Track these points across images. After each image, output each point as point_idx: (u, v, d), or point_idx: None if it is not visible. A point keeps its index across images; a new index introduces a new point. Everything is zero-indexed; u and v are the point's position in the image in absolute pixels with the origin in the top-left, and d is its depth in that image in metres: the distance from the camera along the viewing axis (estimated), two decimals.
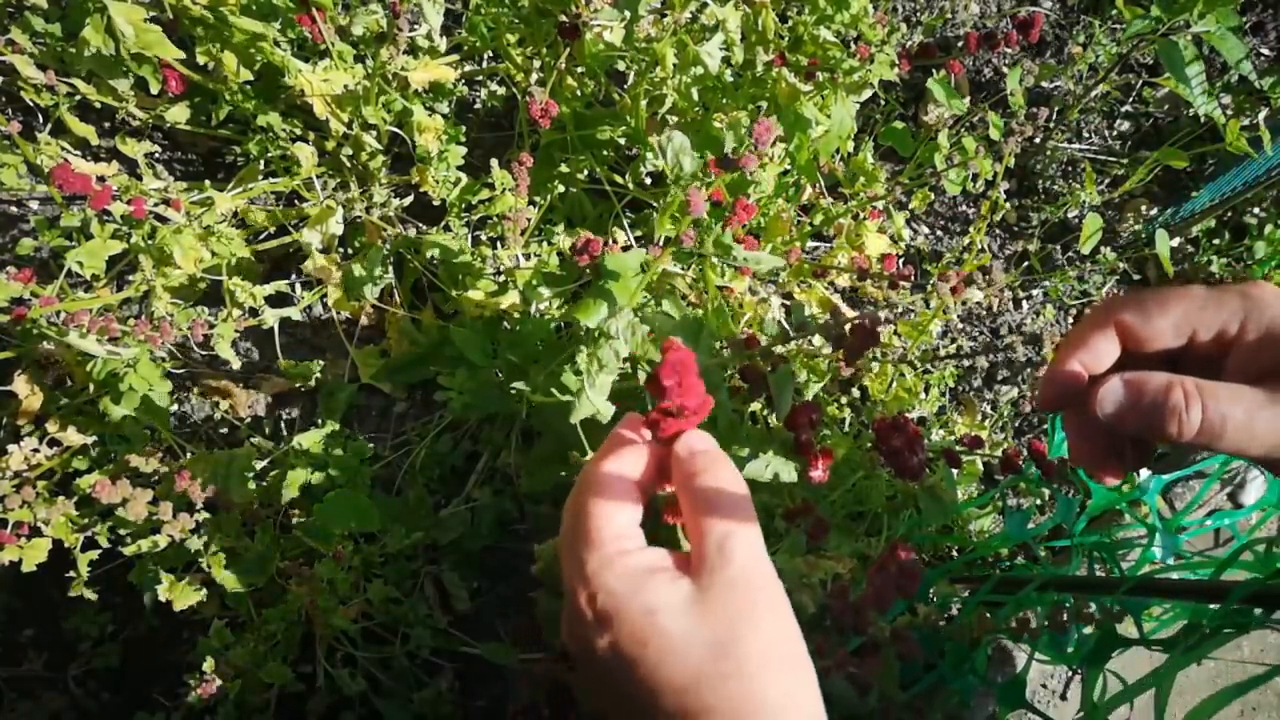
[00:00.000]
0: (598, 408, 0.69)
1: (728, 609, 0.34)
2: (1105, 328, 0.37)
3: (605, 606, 0.34)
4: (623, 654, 0.33)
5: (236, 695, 0.83)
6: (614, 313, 0.70)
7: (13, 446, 0.89)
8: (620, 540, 0.36)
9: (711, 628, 0.33)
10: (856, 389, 1.22)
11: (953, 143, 1.15)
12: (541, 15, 0.99)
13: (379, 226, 1.11)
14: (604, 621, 0.34)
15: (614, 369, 0.68)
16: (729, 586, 0.34)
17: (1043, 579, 0.77)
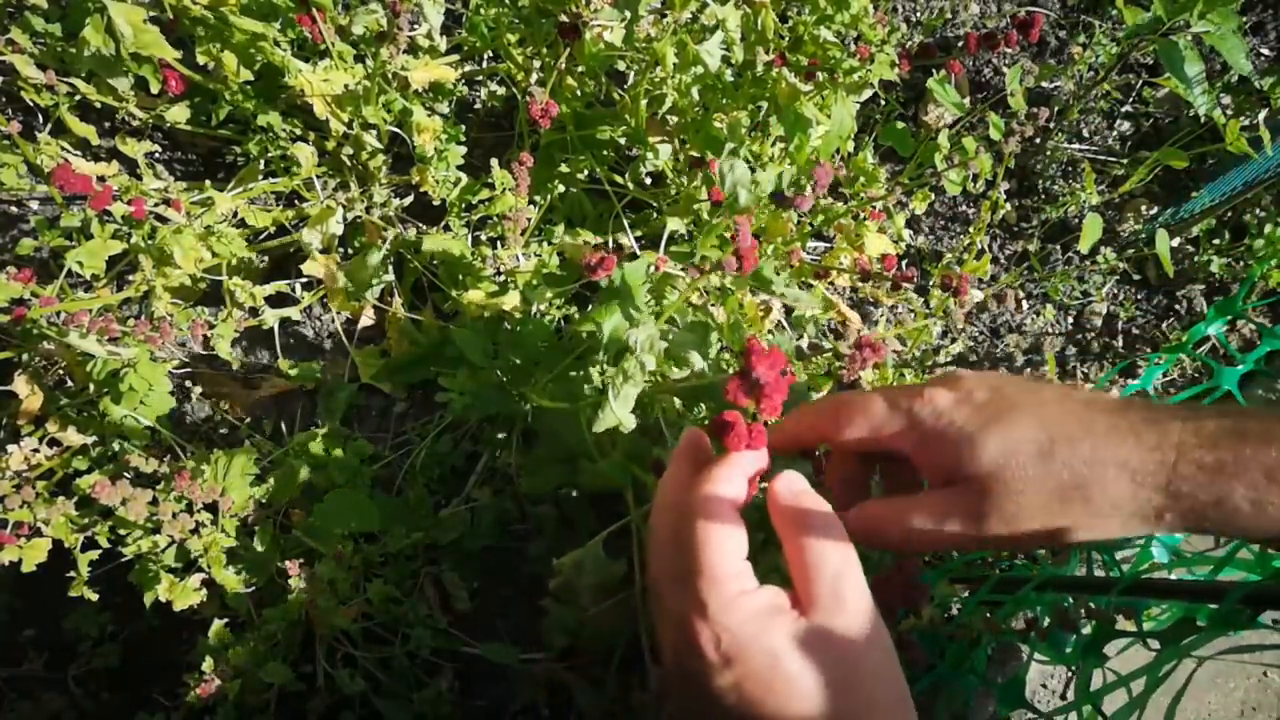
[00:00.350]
0: (621, 419, 0.68)
1: (847, 652, 0.34)
2: (810, 428, 0.44)
3: (729, 648, 0.34)
4: (746, 695, 0.34)
5: (236, 695, 0.83)
6: (635, 323, 0.70)
7: (13, 446, 0.89)
8: (740, 579, 0.36)
9: (832, 670, 0.34)
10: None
11: (953, 143, 1.15)
12: (541, 15, 0.99)
13: (379, 226, 1.11)
14: (728, 662, 0.34)
15: (640, 381, 0.68)
16: (845, 628, 0.35)
17: (1041, 579, 0.77)
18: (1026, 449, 0.36)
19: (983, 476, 0.37)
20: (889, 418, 0.40)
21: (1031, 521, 0.36)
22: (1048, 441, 0.36)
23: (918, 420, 0.39)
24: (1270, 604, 0.55)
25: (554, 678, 1.01)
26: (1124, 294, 1.40)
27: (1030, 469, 0.36)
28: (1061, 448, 0.36)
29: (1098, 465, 0.35)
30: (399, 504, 1.04)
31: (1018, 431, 0.37)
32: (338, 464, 1.03)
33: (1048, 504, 0.36)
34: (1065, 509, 0.36)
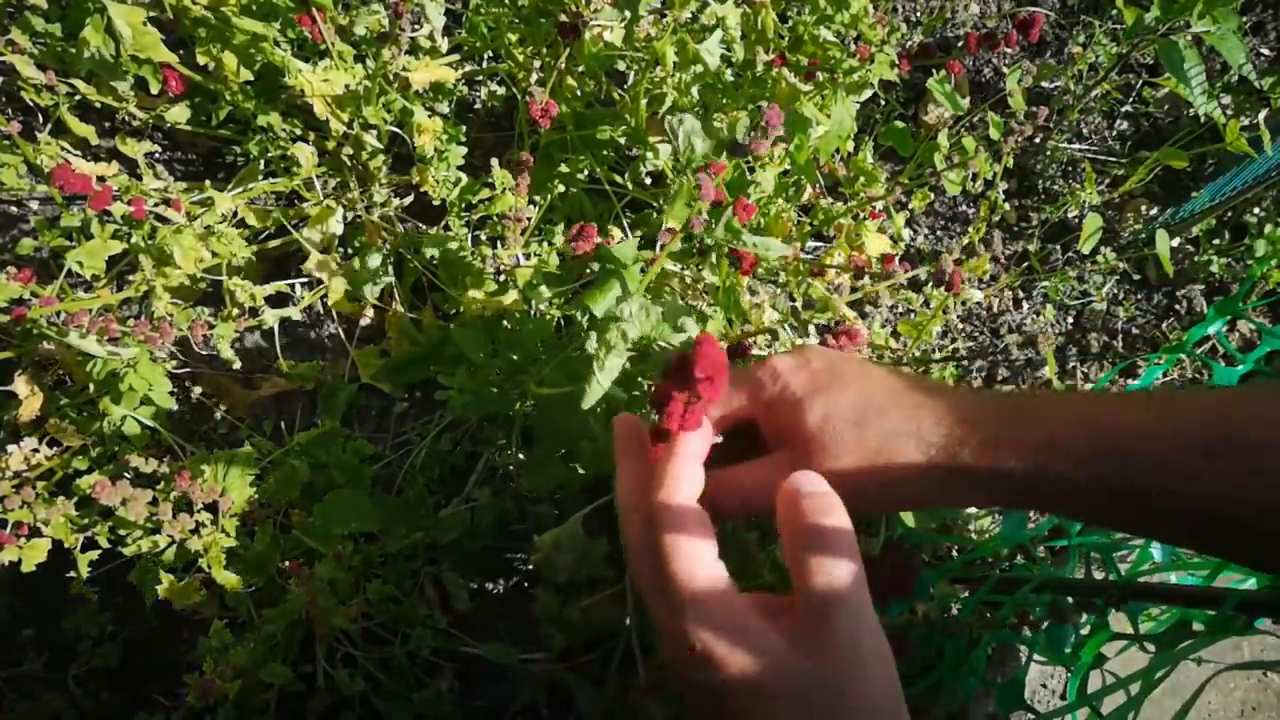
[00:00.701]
0: (605, 389, 0.68)
1: (838, 662, 0.34)
2: None
3: (712, 657, 0.34)
4: (734, 697, 0.34)
5: (236, 695, 0.83)
6: (625, 298, 0.70)
7: (13, 446, 0.89)
8: (715, 585, 0.36)
9: (820, 680, 0.34)
10: None
11: (953, 143, 1.15)
12: (541, 15, 0.99)
13: (379, 226, 1.11)
14: (714, 666, 0.34)
15: (623, 351, 0.67)
16: (834, 641, 0.35)
17: (1040, 580, 0.77)
18: (845, 416, 0.40)
19: (806, 439, 0.40)
20: (735, 393, 0.43)
21: (845, 484, 0.39)
22: (863, 410, 0.40)
23: (760, 386, 0.42)
24: (1267, 610, 0.55)
25: (554, 678, 1.01)
26: (1124, 294, 1.40)
27: (845, 435, 0.39)
28: (873, 418, 0.39)
29: (899, 436, 0.39)
30: (399, 504, 1.04)
31: (840, 399, 0.40)
32: (338, 464, 1.03)
33: (857, 465, 0.39)
34: (871, 471, 0.39)
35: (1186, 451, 0.36)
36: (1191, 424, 0.37)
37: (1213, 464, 0.36)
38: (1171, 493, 0.36)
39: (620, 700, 0.99)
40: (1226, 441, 0.36)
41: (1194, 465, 0.36)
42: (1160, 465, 0.36)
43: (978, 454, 0.38)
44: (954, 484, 0.39)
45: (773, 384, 0.42)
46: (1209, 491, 0.36)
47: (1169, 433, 0.37)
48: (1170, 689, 0.62)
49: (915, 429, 0.39)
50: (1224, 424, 0.36)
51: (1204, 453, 0.36)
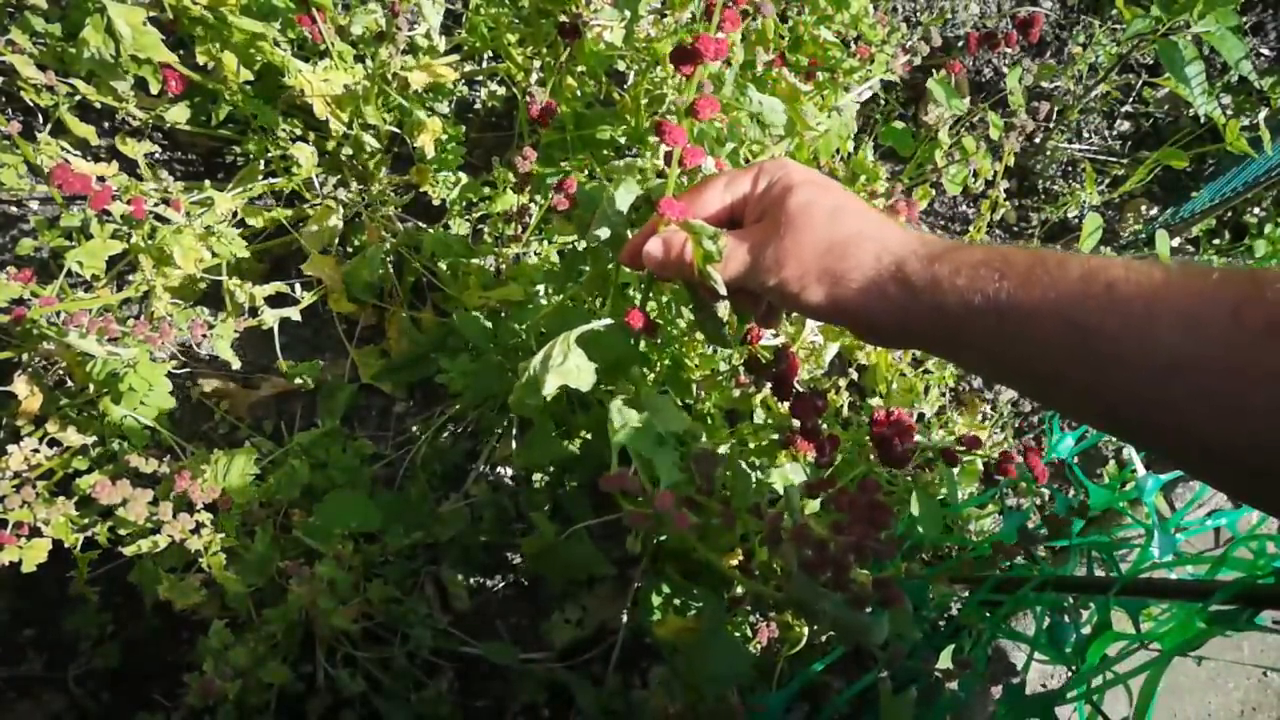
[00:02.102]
0: (623, 210, 0.66)
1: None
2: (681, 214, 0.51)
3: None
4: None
5: (236, 695, 0.83)
6: None
7: (13, 447, 0.89)
8: None
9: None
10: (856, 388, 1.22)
11: (953, 142, 1.15)
12: (541, 15, 0.99)
13: (379, 226, 1.11)
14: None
15: (634, 184, 0.67)
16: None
17: (1041, 579, 0.77)
18: (825, 206, 0.45)
19: (788, 216, 0.45)
20: (736, 179, 0.49)
21: (795, 263, 0.45)
22: (841, 209, 0.45)
23: (763, 172, 0.48)
24: (1269, 603, 0.55)
25: (554, 677, 1.01)
26: None
27: (819, 219, 0.45)
28: (847, 216, 0.45)
29: (863, 236, 0.44)
30: (399, 501, 1.04)
31: (825, 195, 0.46)
32: (338, 464, 1.03)
33: (813, 249, 0.44)
34: (825, 257, 0.44)
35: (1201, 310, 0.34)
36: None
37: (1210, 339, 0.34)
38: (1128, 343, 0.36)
39: (620, 700, 0.99)
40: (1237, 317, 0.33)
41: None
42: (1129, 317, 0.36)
43: (922, 262, 0.42)
44: (893, 290, 0.43)
45: (776, 171, 0.47)
46: None
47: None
48: (1169, 689, 0.62)
49: (878, 234, 0.44)
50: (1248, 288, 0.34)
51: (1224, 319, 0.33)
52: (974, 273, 0.40)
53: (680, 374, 0.87)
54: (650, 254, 0.50)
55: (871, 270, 0.43)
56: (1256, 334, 0.32)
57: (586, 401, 0.96)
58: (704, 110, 0.50)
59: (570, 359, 0.56)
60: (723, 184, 0.49)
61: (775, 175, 0.47)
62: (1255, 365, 0.32)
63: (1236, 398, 0.33)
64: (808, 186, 0.46)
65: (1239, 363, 0.33)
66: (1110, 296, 0.36)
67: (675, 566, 0.98)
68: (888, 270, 0.42)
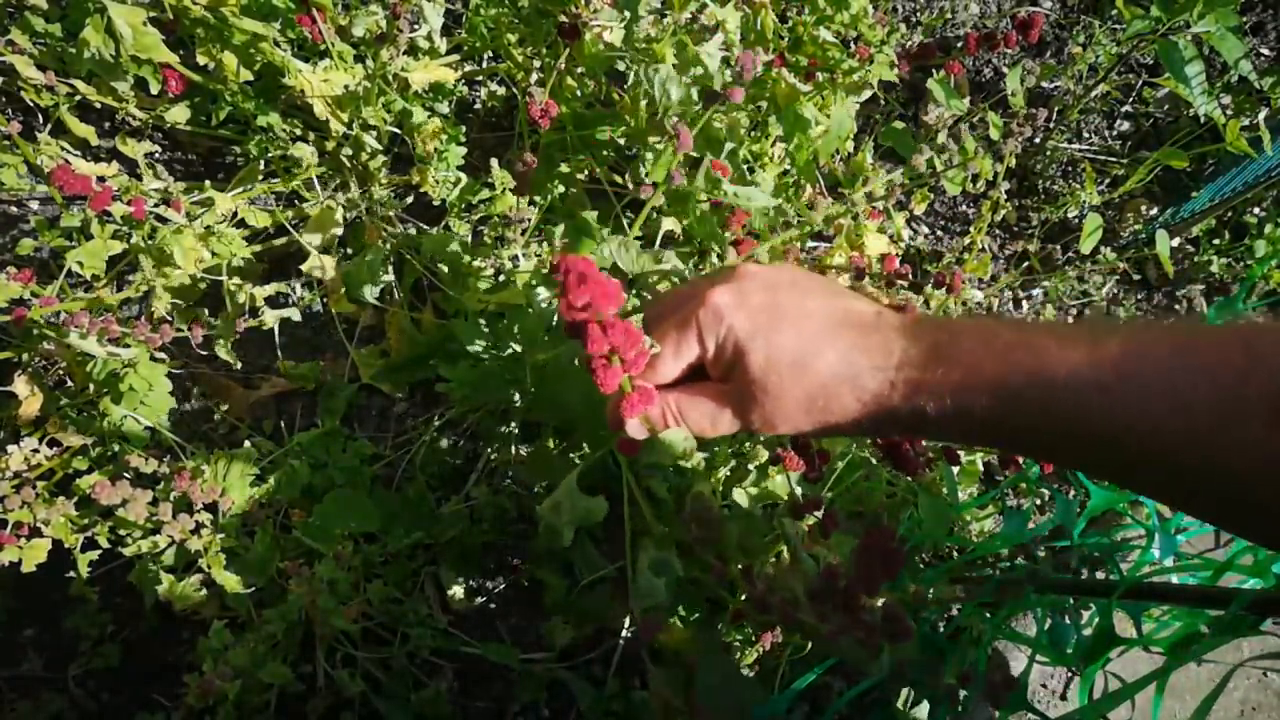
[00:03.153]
0: None
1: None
2: None
3: None
4: None
5: (236, 695, 0.83)
6: (603, 241, 0.70)
7: (13, 447, 0.89)
8: None
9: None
10: None
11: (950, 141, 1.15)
12: (541, 15, 0.99)
13: (379, 226, 1.11)
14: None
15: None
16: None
17: (1041, 580, 0.77)
18: (784, 359, 0.43)
19: (750, 382, 0.44)
20: (685, 343, 0.46)
21: (786, 421, 0.44)
22: (800, 353, 0.43)
23: (703, 330, 0.45)
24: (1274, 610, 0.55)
25: (554, 678, 1.01)
26: (1124, 294, 1.40)
27: (785, 378, 0.43)
28: (811, 360, 0.42)
29: (834, 380, 0.42)
30: (399, 501, 1.04)
31: (779, 342, 0.43)
32: (338, 464, 1.03)
33: (797, 408, 0.43)
34: (810, 413, 0.43)
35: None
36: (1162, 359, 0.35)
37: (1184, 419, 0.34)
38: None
39: (620, 700, 0.99)
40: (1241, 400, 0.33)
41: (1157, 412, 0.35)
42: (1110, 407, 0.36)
43: (904, 397, 0.41)
44: (887, 425, 0.42)
45: (717, 328, 0.44)
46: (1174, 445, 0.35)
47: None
48: (1169, 689, 0.62)
49: (851, 374, 0.42)
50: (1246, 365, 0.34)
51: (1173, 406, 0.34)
52: (958, 400, 0.39)
53: None
54: (635, 439, 0.49)
55: (856, 412, 0.42)
56: (1259, 425, 0.33)
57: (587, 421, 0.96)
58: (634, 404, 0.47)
59: (579, 505, 0.59)
60: (670, 354, 0.46)
61: (719, 334, 0.44)
62: (1259, 456, 0.33)
63: (1240, 489, 0.34)
64: (755, 340, 0.43)
65: (1241, 460, 0.33)
66: (1104, 399, 0.36)
67: None
68: (872, 408, 0.42)
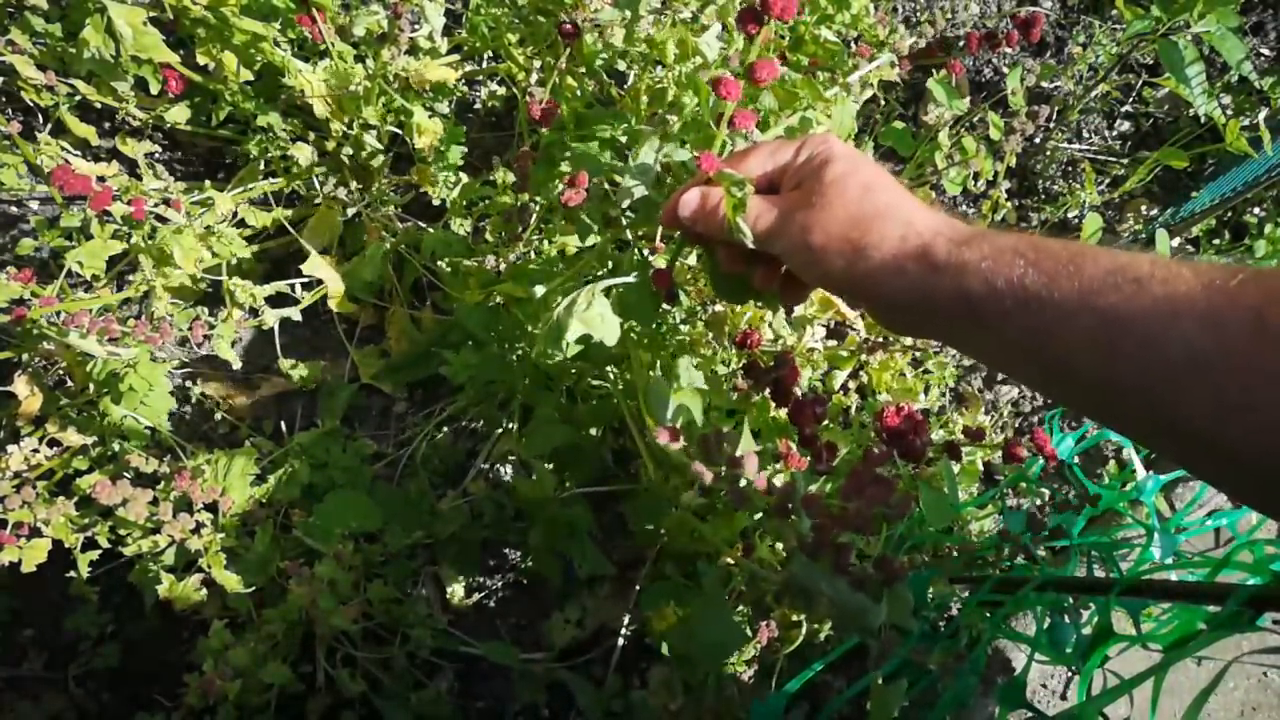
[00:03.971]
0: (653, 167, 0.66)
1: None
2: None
3: None
4: None
5: (236, 695, 0.83)
6: None
7: (13, 447, 0.89)
8: None
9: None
10: (856, 389, 1.22)
11: (953, 142, 1.15)
12: (541, 15, 0.99)
13: (379, 226, 1.11)
14: None
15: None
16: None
17: (1041, 579, 0.77)
18: (859, 179, 0.46)
19: (823, 185, 0.46)
20: (779, 148, 0.50)
21: (820, 232, 0.45)
22: (875, 183, 0.46)
23: (800, 151, 0.49)
24: (1271, 606, 0.55)
25: (554, 678, 1.01)
26: None
27: (849, 193, 0.45)
28: (880, 190, 0.46)
29: (893, 211, 0.45)
30: (400, 498, 1.04)
31: (858, 171, 0.46)
32: (338, 464, 1.03)
33: (841, 220, 0.45)
34: (850, 229, 0.45)
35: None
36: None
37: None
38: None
39: (620, 700, 0.99)
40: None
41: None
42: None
43: (949, 245, 0.42)
44: (916, 273, 0.43)
45: (819, 145, 0.48)
46: None
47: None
48: (1169, 689, 0.62)
49: (907, 214, 0.45)
50: None
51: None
52: (1002, 257, 0.40)
53: None
54: (687, 202, 0.51)
55: (893, 248, 0.44)
56: (1278, 336, 0.32)
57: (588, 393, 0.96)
58: (763, 73, 0.51)
59: (595, 307, 0.55)
60: (767, 151, 0.50)
61: (817, 149, 0.48)
62: (1275, 365, 0.32)
63: (1251, 396, 0.33)
64: (846, 160, 0.47)
65: (1258, 363, 0.33)
66: (1136, 291, 0.36)
67: (677, 570, 0.98)
68: (911, 249, 0.43)
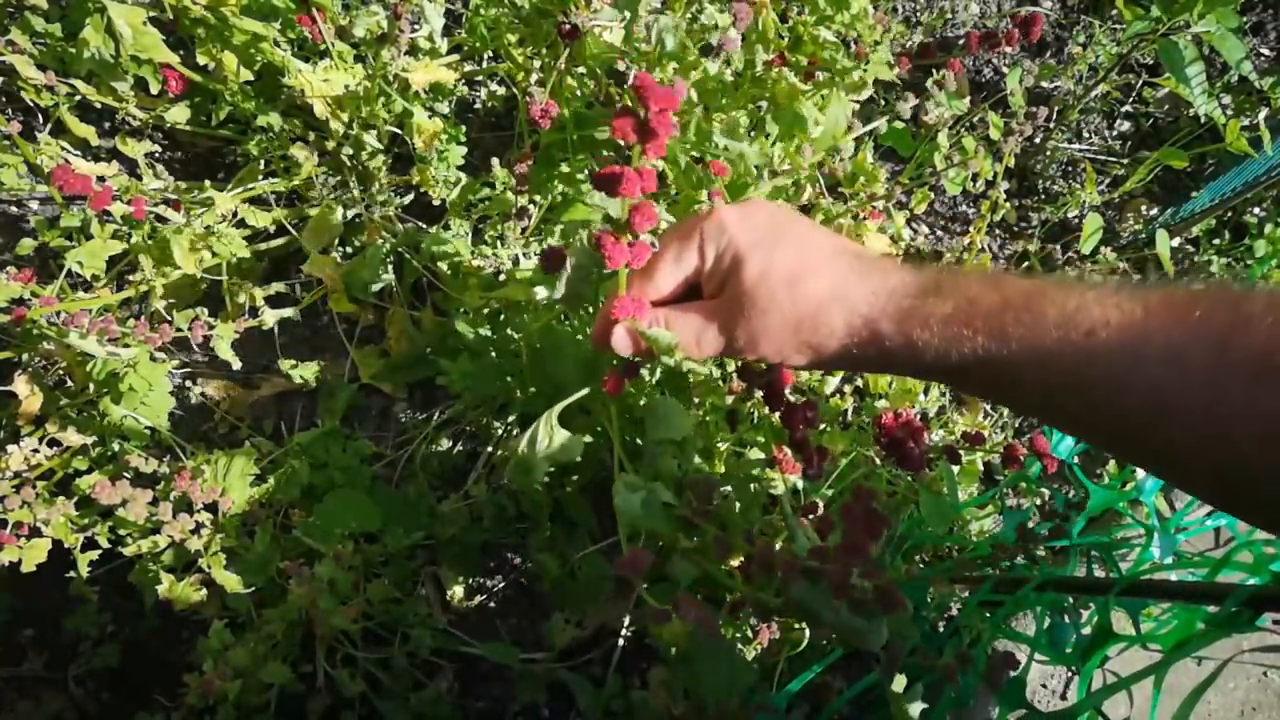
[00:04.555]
0: None
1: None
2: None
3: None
4: None
5: (236, 695, 0.83)
6: None
7: (13, 447, 0.89)
8: None
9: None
10: (853, 391, 1.22)
11: (953, 143, 1.15)
12: (541, 15, 0.99)
13: (379, 226, 1.11)
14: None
15: None
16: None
17: (1041, 579, 0.77)
18: (780, 274, 0.42)
19: (742, 293, 0.43)
20: (685, 253, 0.45)
21: (771, 342, 0.43)
22: (798, 270, 0.42)
23: (706, 239, 0.44)
24: (1271, 606, 0.55)
25: (554, 678, 1.01)
26: None
27: (778, 293, 0.42)
28: (806, 277, 0.42)
29: (828, 300, 0.41)
30: (400, 499, 1.04)
31: (778, 257, 0.42)
32: (338, 464, 1.03)
33: (784, 328, 0.42)
34: (797, 334, 0.42)
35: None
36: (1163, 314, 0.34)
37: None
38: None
39: (621, 701, 0.99)
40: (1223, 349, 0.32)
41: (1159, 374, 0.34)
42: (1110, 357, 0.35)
43: (894, 323, 0.40)
44: (872, 352, 0.41)
45: (719, 236, 0.44)
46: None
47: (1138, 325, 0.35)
48: (1169, 689, 0.62)
49: (844, 294, 0.41)
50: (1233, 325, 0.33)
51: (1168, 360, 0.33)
52: (946, 330, 0.39)
53: (676, 379, 0.87)
54: (619, 349, 0.48)
55: (845, 336, 0.42)
56: (1240, 375, 0.32)
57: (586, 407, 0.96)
58: (640, 224, 0.45)
59: (555, 438, 0.56)
60: (670, 260, 0.46)
61: (720, 243, 0.44)
62: (1242, 408, 0.32)
63: (1224, 438, 0.33)
64: (756, 253, 0.43)
65: (1224, 410, 0.32)
66: (1090, 344, 0.35)
67: None
68: (861, 334, 0.41)
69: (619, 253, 0.44)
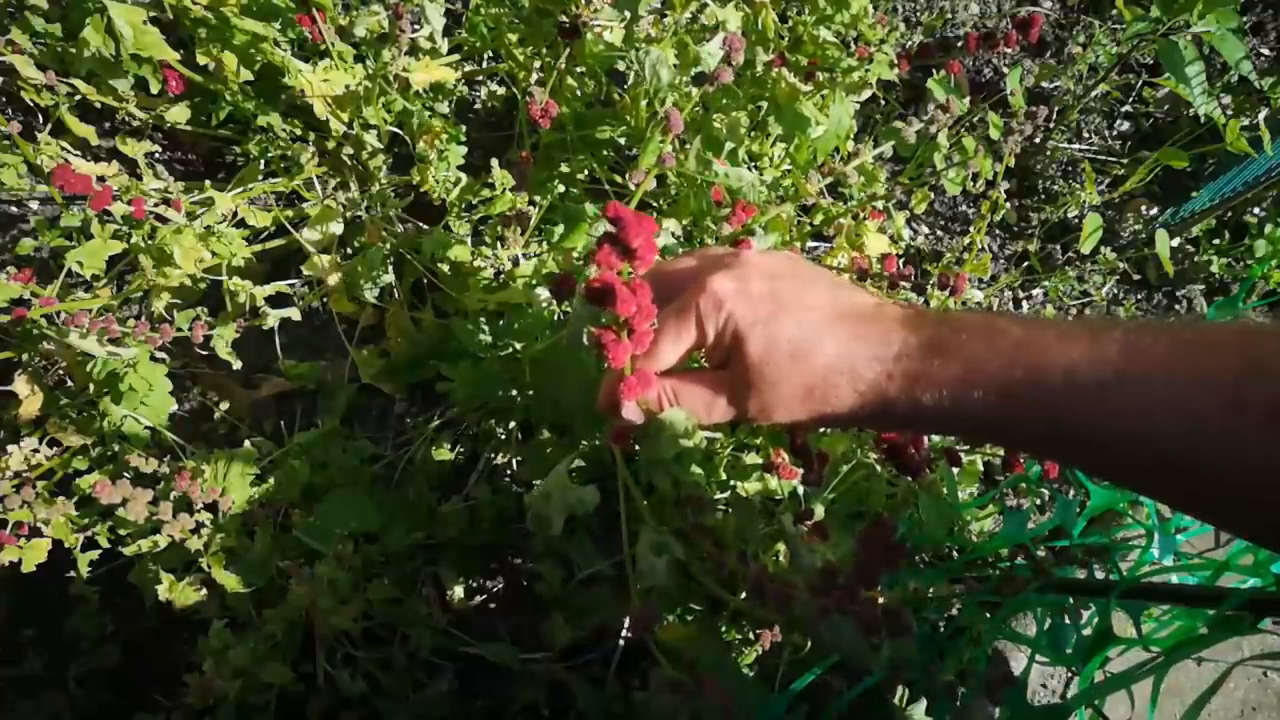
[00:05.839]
0: None
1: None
2: None
3: None
4: None
5: (236, 695, 0.83)
6: None
7: (13, 447, 0.89)
8: None
9: None
10: None
11: (953, 143, 1.15)
12: (541, 15, 0.99)
13: (379, 226, 1.11)
14: None
15: None
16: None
17: (1041, 579, 0.77)
18: (784, 349, 0.43)
19: (748, 369, 0.44)
20: (683, 330, 0.46)
21: (782, 411, 0.44)
22: (799, 343, 0.43)
23: (704, 318, 0.45)
24: (1271, 610, 0.55)
25: (554, 678, 1.01)
26: (1124, 294, 1.40)
27: (784, 368, 0.43)
28: (810, 350, 0.43)
29: (833, 373, 0.42)
30: (399, 500, 1.04)
31: (778, 331, 0.43)
32: (338, 464, 1.03)
33: (793, 398, 0.43)
34: (806, 403, 0.43)
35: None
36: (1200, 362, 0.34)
37: None
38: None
39: (620, 700, 0.99)
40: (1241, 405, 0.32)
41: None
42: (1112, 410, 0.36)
43: (901, 389, 0.41)
44: (884, 418, 0.42)
45: (717, 315, 0.44)
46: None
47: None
48: (1169, 689, 0.62)
49: (849, 365, 0.42)
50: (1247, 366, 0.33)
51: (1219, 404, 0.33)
52: (954, 392, 0.39)
53: None
54: (631, 421, 0.48)
55: (853, 403, 0.42)
56: (1258, 429, 0.32)
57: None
58: (640, 322, 0.45)
59: (569, 494, 0.58)
60: (670, 338, 0.46)
61: (718, 321, 0.44)
62: (1259, 461, 0.32)
63: (1244, 495, 0.33)
64: (756, 329, 0.43)
65: (1246, 467, 0.33)
66: (1099, 401, 0.36)
67: None
68: (869, 399, 0.42)
69: (621, 351, 0.44)
